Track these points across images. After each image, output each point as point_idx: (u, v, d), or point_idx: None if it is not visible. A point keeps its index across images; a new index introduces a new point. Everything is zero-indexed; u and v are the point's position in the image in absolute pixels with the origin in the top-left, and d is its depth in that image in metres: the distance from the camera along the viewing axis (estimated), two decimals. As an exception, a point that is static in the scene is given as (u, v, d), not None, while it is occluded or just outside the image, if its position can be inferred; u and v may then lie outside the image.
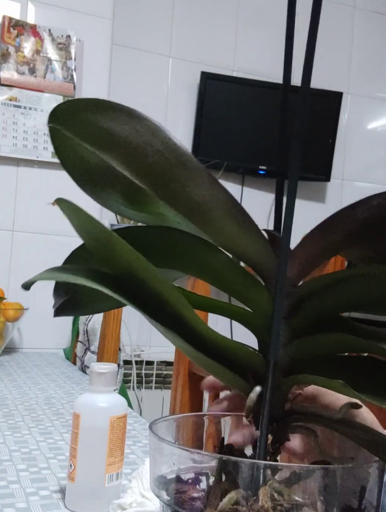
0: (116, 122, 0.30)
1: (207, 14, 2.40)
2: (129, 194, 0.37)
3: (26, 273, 1.94)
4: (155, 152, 0.30)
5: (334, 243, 0.34)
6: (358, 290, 0.33)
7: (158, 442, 0.34)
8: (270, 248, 0.34)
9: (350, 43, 2.65)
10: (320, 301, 0.34)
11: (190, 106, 2.39)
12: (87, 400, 0.60)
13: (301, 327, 0.35)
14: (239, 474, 0.31)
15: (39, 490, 0.64)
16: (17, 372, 1.40)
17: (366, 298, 0.34)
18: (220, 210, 0.32)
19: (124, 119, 0.30)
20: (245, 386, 0.34)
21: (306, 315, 0.35)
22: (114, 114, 0.30)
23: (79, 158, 0.36)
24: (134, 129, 0.30)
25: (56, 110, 0.32)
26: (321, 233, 0.33)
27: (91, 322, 1.57)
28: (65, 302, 0.39)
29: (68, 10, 1.90)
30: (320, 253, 0.35)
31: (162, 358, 2.27)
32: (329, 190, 2.60)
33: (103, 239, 0.31)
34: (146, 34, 2.33)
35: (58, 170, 1.88)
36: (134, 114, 0.30)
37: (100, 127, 0.31)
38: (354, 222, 0.32)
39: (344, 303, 0.35)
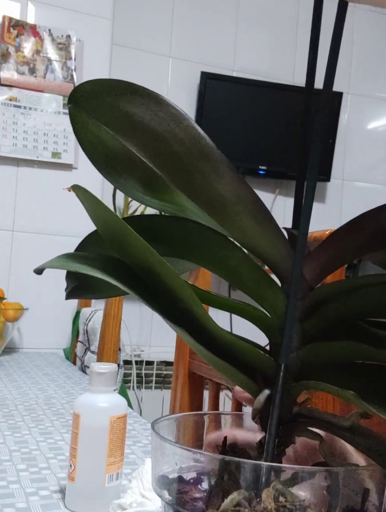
0: (138, 107, 0.29)
1: (207, 14, 2.40)
2: (148, 182, 0.35)
3: (26, 273, 1.95)
4: (177, 141, 0.29)
5: (356, 246, 0.33)
6: (374, 298, 0.32)
7: (160, 441, 0.34)
8: (288, 249, 0.33)
9: (350, 43, 2.65)
10: (336, 307, 0.34)
11: (190, 106, 2.39)
12: (87, 400, 0.60)
13: (315, 332, 0.34)
14: (242, 474, 0.31)
15: (39, 490, 0.64)
16: (17, 372, 1.40)
17: (382, 307, 0.33)
18: (242, 206, 0.31)
19: (147, 104, 0.29)
20: (254, 387, 0.34)
21: (321, 319, 0.34)
22: (137, 98, 0.29)
23: (99, 142, 0.34)
24: (156, 115, 0.29)
25: (77, 91, 0.31)
26: (344, 236, 0.32)
27: (91, 322, 1.57)
28: (77, 286, 0.38)
29: (68, 10, 1.90)
30: (341, 256, 0.34)
31: (162, 358, 2.27)
32: (329, 190, 2.60)
33: (118, 231, 0.31)
34: (146, 34, 2.33)
35: (58, 170, 1.88)
36: (158, 99, 0.29)
37: (122, 112, 0.30)
38: (377, 225, 0.31)
39: (359, 310, 0.34)
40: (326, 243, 0.33)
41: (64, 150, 1.87)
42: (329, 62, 0.32)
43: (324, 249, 0.34)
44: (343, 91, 2.55)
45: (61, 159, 1.87)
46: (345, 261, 0.34)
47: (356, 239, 0.33)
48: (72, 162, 1.89)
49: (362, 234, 0.32)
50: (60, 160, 1.87)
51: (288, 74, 2.44)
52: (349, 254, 0.34)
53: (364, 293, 0.32)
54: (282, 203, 2.52)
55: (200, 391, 1.24)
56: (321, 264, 0.34)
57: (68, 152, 1.88)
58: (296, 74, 2.54)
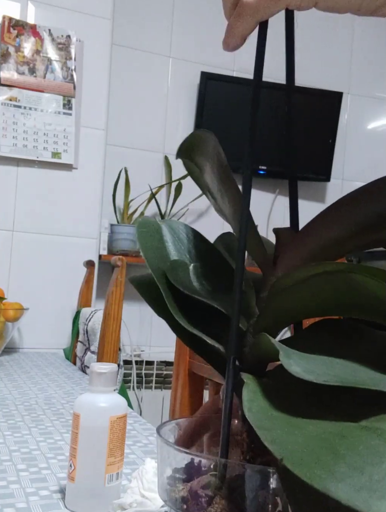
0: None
1: (207, 14, 2.40)
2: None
3: (26, 273, 1.95)
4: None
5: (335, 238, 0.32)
6: (330, 288, 0.29)
7: (165, 446, 0.34)
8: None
9: (350, 43, 2.65)
10: (279, 302, 0.32)
11: (190, 106, 2.39)
12: (87, 400, 0.60)
13: (267, 326, 0.33)
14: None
15: (39, 490, 0.64)
16: (17, 372, 1.40)
17: (340, 297, 0.30)
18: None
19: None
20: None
21: (273, 313, 0.33)
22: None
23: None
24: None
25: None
26: (320, 227, 0.32)
27: (91, 322, 1.57)
28: None
29: (68, 10, 1.90)
30: (326, 246, 0.32)
31: (162, 358, 2.27)
32: (329, 190, 2.60)
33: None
34: (146, 34, 2.33)
35: (58, 170, 1.88)
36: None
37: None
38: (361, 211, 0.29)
39: (315, 302, 0.31)
40: (301, 235, 0.33)
41: (64, 150, 1.87)
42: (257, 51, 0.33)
43: (304, 239, 0.33)
44: (343, 91, 2.55)
45: (61, 159, 1.87)
46: (333, 252, 0.33)
47: (335, 230, 0.32)
48: (72, 162, 1.89)
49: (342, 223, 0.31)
50: (60, 160, 1.87)
51: (288, 74, 2.44)
52: (329, 247, 0.33)
53: (320, 282, 0.29)
54: (282, 203, 2.52)
55: (200, 391, 1.24)
56: (296, 257, 0.33)
57: (68, 152, 1.88)
58: (296, 74, 2.54)
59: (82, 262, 1.87)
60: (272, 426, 0.25)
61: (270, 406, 0.27)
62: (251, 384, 0.29)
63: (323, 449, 0.23)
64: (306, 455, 0.23)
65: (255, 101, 0.34)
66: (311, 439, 0.24)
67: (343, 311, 0.32)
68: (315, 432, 0.25)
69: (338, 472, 0.22)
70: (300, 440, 0.24)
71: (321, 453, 0.23)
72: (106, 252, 2.08)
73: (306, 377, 0.26)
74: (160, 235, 0.40)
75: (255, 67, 0.35)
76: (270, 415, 0.26)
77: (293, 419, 0.26)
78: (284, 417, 0.26)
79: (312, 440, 0.24)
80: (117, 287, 1.41)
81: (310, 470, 0.22)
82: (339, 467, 0.22)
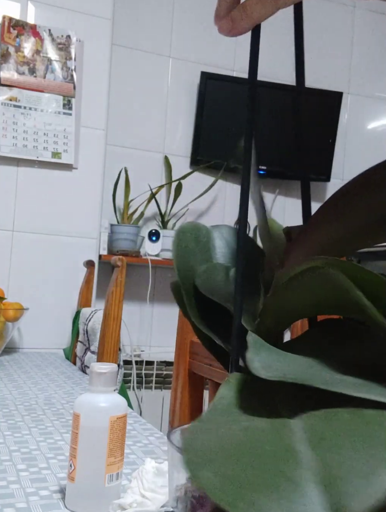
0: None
1: (207, 14, 2.39)
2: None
3: (26, 273, 1.95)
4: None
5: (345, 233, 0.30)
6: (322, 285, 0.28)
7: (176, 453, 0.33)
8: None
9: (350, 43, 2.65)
10: (276, 301, 0.31)
11: (190, 106, 2.39)
12: (87, 400, 0.60)
13: (271, 326, 0.33)
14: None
15: (39, 490, 0.64)
16: (17, 372, 1.40)
17: (315, 299, 0.29)
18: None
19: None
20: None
21: (272, 312, 0.33)
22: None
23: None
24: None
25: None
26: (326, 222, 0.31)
27: (91, 322, 1.57)
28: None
29: (68, 10, 1.90)
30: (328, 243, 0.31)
31: (162, 358, 2.27)
32: (329, 190, 2.60)
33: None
34: (146, 34, 2.33)
35: (58, 170, 1.88)
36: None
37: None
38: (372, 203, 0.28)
39: (296, 305, 0.31)
40: (306, 232, 0.32)
41: (64, 150, 1.87)
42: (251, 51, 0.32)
43: (307, 236, 0.32)
44: (343, 91, 2.55)
45: (61, 159, 1.87)
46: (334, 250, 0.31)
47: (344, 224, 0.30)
48: (72, 162, 1.89)
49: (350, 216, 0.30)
50: (60, 160, 1.87)
51: (288, 74, 2.44)
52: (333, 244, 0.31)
53: (306, 280, 0.28)
54: (282, 203, 2.52)
55: (200, 391, 1.24)
56: (303, 252, 0.32)
57: (68, 152, 1.88)
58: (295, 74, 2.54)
59: (82, 262, 1.87)
60: (209, 419, 0.25)
61: (234, 403, 0.27)
62: (231, 382, 0.29)
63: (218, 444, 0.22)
64: (201, 447, 0.22)
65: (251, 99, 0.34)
66: (221, 435, 0.23)
67: (332, 310, 0.31)
68: (232, 427, 0.24)
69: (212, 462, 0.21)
70: (213, 436, 0.23)
71: (214, 448, 0.22)
72: (106, 252, 2.08)
73: (258, 373, 0.25)
74: (208, 239, 0.41)
75: (250, 66, 0.34)
76: (226, 411, 0.26)
77: (240, 416, 0.25)
78: (236, 413, 0.26)
79: (222, 435, 0.23)
80: (117, 287, 1.41)
81: (193, 461, 0.21)
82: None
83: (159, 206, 2.24)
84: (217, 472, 0.20)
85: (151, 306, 2.33)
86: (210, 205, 2.43)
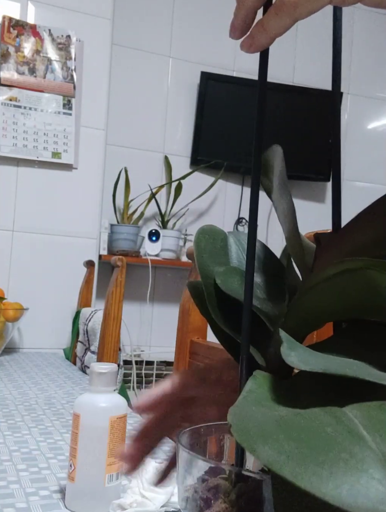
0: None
1: (207, 14, 2.40)
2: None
3: (26, 273, 1.95)
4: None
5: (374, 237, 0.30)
6: (351, 287, 0.28)
7: (185, 453, 0.33)
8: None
9: (350, 43, 2.65)
10: (304, 302, 0.31)
11: (190, 106, 2.39)
12: (87, 400, 0.60)
13: (295, 327, 0.33)
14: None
15: (39, 490, 0.64)
16: (17, 372, 1.40)
17: (349, 301, 0.29)
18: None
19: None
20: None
21: (294, 315, 0.33)
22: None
23: None
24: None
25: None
26: (359, 226, 0.30)
27: (91, 322, 1.57)
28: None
29: (68, 10, 1.90)
30: (361, 249, 0.31)
31: (162, 358, 2.28)
32: (329, 190, 2.60)
33: None
34: (146, 34, 2.33)
35: (58, 170, 1.88)
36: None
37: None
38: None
39: (336, 302, 0.30)
40: (337, 239, 0.32)
41: (64, 150, 1.87)
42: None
43: (335, 245, 0.32)
44: (343, 91, 2.55)
45: (61, 159, 1.87)
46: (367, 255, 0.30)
47: (370, 232, 0.30)
48: (72, 162, 1.89)
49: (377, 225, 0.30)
50: (60, 160, 1.87)
51: (288, 74, 2.44)
52: (364, 249, 0.31)
53: (341, 281, 0.28)
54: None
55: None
56: (335, 256, 0.32)
57: (68, 152, 1.88)
58: (296, 74, 2.55)
59: (82, 262, 1.87)
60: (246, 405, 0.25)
61: (265, 397, 0.27)
62: (259, 378, 0.29)
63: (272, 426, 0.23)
64: (253, 428, 0.23)
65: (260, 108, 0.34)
66: (270, 418, 0.24)
67: (366, 312, 0.30)
68: (281, 413, 0.25)
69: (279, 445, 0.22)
70: (259, 417, 0.24)
71: (269, 428, 0.23)
72: (106, 252, 2.08)
73: (296, 365, 0.25)
74: (224, 243, 0.42)
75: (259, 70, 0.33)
76: (259, 403, 0.26)
77: (275, 406, 0.26)
78: (270, 405, 0.26)
79: (270, 418, 0.24)
80: (117, 287, 1.41)
81: (251, 439, 0.22)
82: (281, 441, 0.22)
83: (159, 206, 2.24)
84: (280, 449, 0.22)
85: (151, 306, 2.33)
86: (210, 205, 2.43)
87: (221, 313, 0.36)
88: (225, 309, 0.36)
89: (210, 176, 2.37)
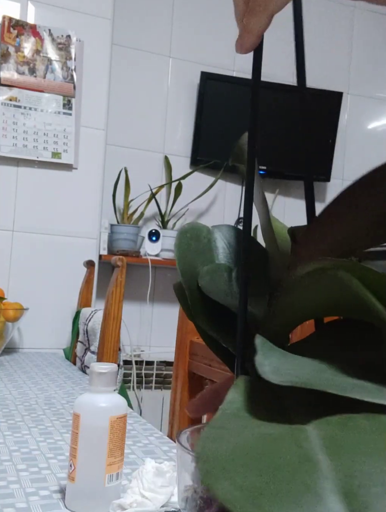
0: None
1: (207, 14, 2.40)
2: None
3: (26, 273, 1.95)
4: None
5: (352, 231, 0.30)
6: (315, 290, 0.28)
7: (185, 453, 0.33)
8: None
9: (350, 43, 2.65)
10: (281, 302, 0.31)
11: (190, 106, 2.39)
12: (87, 400, 0.60)
13: (278, 329, 0.32)
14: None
15: (39, 490, 0.64)
16: (17, 372, 1.40)
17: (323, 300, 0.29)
18: None
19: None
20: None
21: (273, 316, 0.32)
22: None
23: None
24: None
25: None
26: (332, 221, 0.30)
27: (91, 322, 1.57)
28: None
29: (68, 10, 1.90)
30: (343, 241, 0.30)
31: (162, 358, 2.28)
32: (329, 190, 2.60)
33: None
34: (146, 34, 2.33)
35: (58, 170, 1.88)
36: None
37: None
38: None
39: (302, 306, 0.30)
40: (314, 230, 0.31)
41: (64, 150, 1.87)
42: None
43: (313, 236, 0.32)
44: (343, 91, 2.55)
45: (61, 159, 1.87)
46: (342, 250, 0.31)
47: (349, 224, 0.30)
48: (72, 162, 1.89)
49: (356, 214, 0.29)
50: (60, 160, 1.87)
51: (288, 74, 2.44)
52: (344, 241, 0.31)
53: (313, 281, 0.27)
54: (282, 203, 2.52)
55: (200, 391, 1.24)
56: (309, 253, 0.32)
57: (68, 152, 1.88)
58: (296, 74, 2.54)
59: (82, 262, 1.87)
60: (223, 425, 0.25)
61: (243, 408, 0.26)
62: (240, 385, 0.28)
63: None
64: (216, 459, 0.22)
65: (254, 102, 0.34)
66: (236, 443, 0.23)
67: (340, 311, 0.30)
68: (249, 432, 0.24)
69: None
70: (227, 441, 0.23)
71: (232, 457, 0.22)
72: (106, 252, 2.08)
73: (268, 378, 0.25)
74: (208, 239, 0.41)
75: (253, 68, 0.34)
76: (236, 415, 0.25)
77: (250, 420, 0.25)
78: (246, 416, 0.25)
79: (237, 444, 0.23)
80: (117, 287, 1.41)
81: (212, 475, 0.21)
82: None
83: (159, 206, 2.24)
84: (235, 483, 0.20)
85: (151, 306, 2.33)
86: (210, 205, 2.43)
87: (207, 317, 0.35)
88: (210, 310, 0.35)
89: (210, 176, 2.37)
